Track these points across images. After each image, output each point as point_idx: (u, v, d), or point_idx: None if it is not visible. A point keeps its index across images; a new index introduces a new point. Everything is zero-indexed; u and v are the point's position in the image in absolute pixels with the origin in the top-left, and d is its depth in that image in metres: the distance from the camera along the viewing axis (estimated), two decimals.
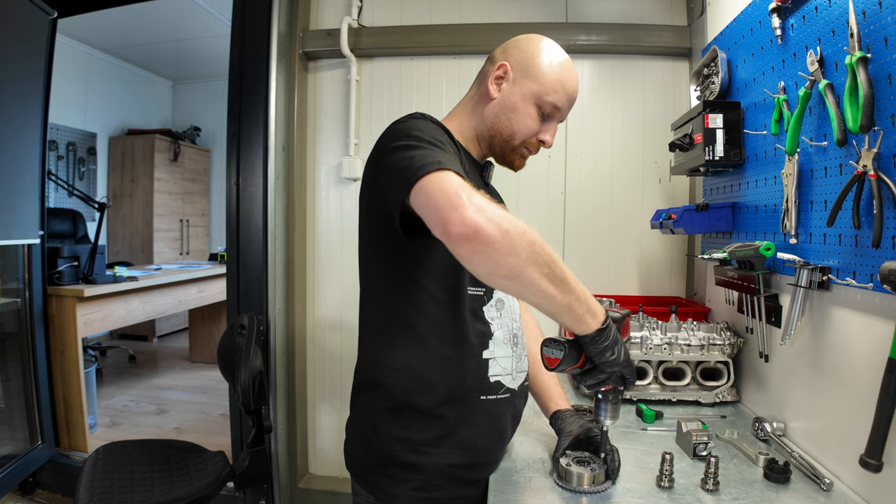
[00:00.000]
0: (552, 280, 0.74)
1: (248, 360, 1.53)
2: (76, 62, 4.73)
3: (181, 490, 1.45)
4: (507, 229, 0.68)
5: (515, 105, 0.98)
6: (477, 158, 1.04)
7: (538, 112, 0.98)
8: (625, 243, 2.08)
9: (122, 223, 5.19)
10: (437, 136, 0.82)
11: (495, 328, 0.96)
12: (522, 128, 0.98)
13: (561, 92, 0.98)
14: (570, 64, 1.02)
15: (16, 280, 2.29)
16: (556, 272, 0.75)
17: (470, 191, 0.69)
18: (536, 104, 0.98)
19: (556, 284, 0.75)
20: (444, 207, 0.68)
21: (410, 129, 0.83)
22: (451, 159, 0.77)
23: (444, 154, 0.77)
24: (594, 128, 2.09)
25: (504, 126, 0.99)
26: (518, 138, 0.99)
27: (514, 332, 1.00)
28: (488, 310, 0.96)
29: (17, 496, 2.29)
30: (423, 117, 0.89)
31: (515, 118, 0.98)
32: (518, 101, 0.98)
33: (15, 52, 2.11)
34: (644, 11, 2.05)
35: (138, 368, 4.30)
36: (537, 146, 1.02)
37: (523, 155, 1.02)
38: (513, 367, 0.98)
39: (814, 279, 1.05)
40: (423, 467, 0.89)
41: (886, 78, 0.87)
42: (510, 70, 0.99)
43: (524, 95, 0.98)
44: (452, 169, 0.72)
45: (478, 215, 0.67)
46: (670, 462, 0.95)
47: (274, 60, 2.00)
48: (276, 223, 2.05)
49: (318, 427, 2.29)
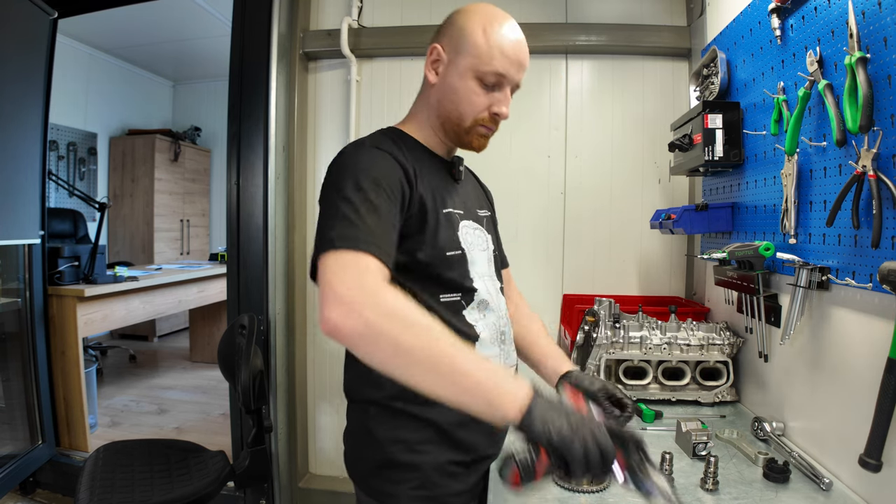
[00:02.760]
0: (436, 369, 0.65)
1: (249, 360, 1.53)
2: (77, 62, 4.74)
3: (181, 490, 1.45)
4: (368, 320, 0.64)
5: (455, 85, 0.91)
6: (443, 154, 1.00)
7: (480, 85, 0.90)
8: (624, 243, 2.09)
9: (123, 223, 5.19)
10: (369, 183, 0.79)
11: (480, 330, 0.92)
12: (468, 107, 0.91)
13: (500, 57, 0.89)
14: (510, 25, 0.92)
15: (16, 280, 2.29)
16: (443, 358, 0.64)
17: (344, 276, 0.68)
18: (476, 77, 0.90)
19: (440, 373, 0.65)
20: (320, 300, 0.68)
21: (343, 178, 0.81)
22: (361, 225, 0.74)
23: (353, 220, 0.75)
24: (594, 128, 2.09)
25: (450, 110, 0.93)
26: (467, 119, 0.92)
27: (502, 329, 0.97)
28: (470, 313, 0.92)
29: (18, 496, 2.29)
30: (370, 147, 0.87)
31: (458, 99, 0.92)
32: (456, 80, 0.91)
33: (15, 52, 2.11)
34: (644, 12, 2.05)
35: (139, 368, 4.30)
36: (493, 121, 0.93)
37: (480, 134, 0.94)
38: (500, 364, 0.95)
39: (813, 279, 1.05)
40: (420, 466, 0.89)
41: (886, 78, 0.87)
42: (442, 51, 0.93)
43: (461, 73, 0.90)
44: (344, 247, 0.71)
45: (335, 311, 0.65)
46: (670, 462, 0.95)
47: (274, 61, 2.00)
48: (277, 223, 2.05)
49: (318, 427, 2.29)
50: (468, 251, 0.93)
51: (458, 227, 0.93)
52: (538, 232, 2.10)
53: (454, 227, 0.93)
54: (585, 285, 2.09)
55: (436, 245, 0.88)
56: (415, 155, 0.92)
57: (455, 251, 0.91)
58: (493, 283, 0.98)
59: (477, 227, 0.99)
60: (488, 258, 0.99)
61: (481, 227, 1.01)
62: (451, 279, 0.90)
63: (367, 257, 0.72)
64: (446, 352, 0.65)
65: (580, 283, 2.10)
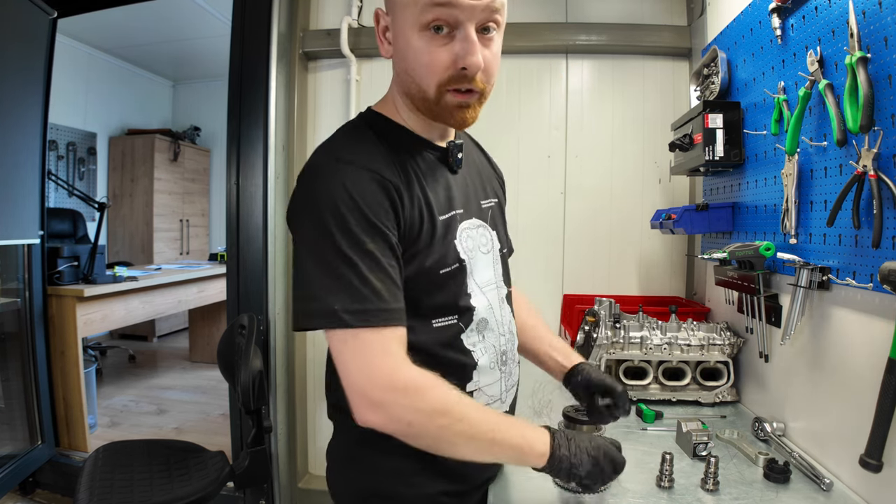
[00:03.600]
0: (476, 444, 0.72)
1: (248, 360, 1.53)
2: (76, 62, 4.73)
3: (181, 490, 1.45)
4: (410, 421, 0.68)
5: (404, 50, 0.73)
6: (436, 139, 0.84)
7: (430, 36, 0.70)
8: (625, 243, 2.08)
9: (122, 223, 5.19)
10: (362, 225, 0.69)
11: (479, 355, 0.83)
12: (423, 70, 0.72)
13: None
14: None
15: (16, 280, 2.29)
16: (481, 435, 0.72)
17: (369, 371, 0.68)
18: (420, 28, 0.70)
19: (480, 447, 0.73)
20: (349, 395, 0.69)
21: (328, 219, 0.69)
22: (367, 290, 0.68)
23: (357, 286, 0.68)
24: (594, 128, 2.09)
25: (409, 83, 0.75)
26: (430, 86, 0.72)
27: (502, 348, 0.87)
28: (468, 336, 0.82)
29: (18, 496, 2.29)
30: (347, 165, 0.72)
31: (410, 66, 0.73)
32: (402, 43, 0.73)
33: (15, 52, 2.11)
34: (644, 11, 2.05)
35: (138, 368, 4.30)
36: (465, 78, 0.71)
37: (454, 104, 0.74)
38: (501, 389, 0.88)
39: (814, 279, 1.05)
40: (406, 497, 0.82)
41: (886, 78, 0.87)
42: (384, 14, 0.77)
43: (404, 31, 0.72)
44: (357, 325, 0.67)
45: (373, 416, 0.68)
46: (670, 462, 0.95)
47: (274, 60, 2.00)
48: (276, 223, 2.05)
49: (318, 427, 2.29)
50: (468, 260, 0.82)
51: (457, 233, 0.81)
52: (538, 232, 2.10)
53: (451, 235, 0.81)
54: (585, 285, 2.09)
55: (424, 265, 0.77)
56: (400, 151, 0.78)
57: (450, 266, 0.79)
58: (496, 292, 0.88)
59: (480, 224, 0.87)
60: (493, 259, 0.89)
61: (484, 223, 0.88)
62: (443, 301, 0.80)
63: (384, 332, 0.69)
64: (484, 429, 0.72)
65: (580, 283, 2.10)
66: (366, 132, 0.79)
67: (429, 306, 0.79)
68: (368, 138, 0.78)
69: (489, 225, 0.90)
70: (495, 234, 0.91)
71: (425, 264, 0.77)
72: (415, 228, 0.76)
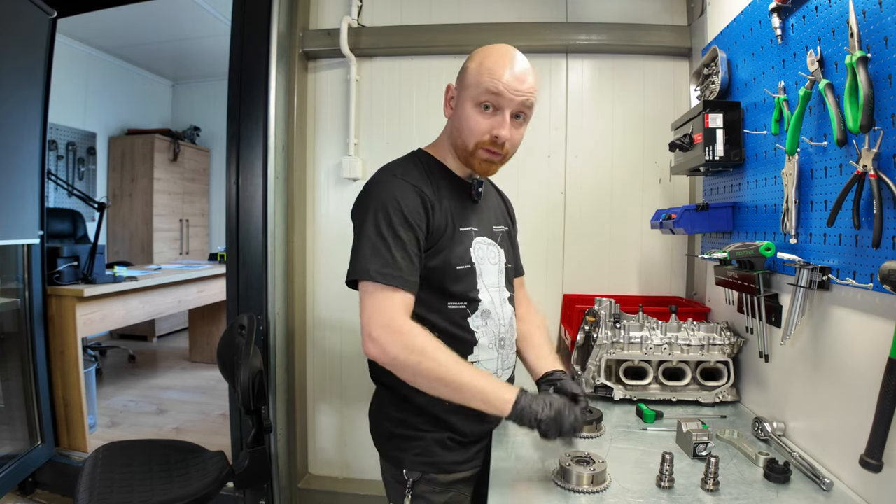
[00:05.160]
0: (444, 384, 0.92)
1: (248, 360, 1.53)
2: (76, 62, 4.73)
3: (181, 490, 1.45)
4: (396, 356, 0.91)
5: (460, 115, 1.04)
6: (464, 177, 1.12)
7: (479, 111, 1.01)
8: (625, 243, 2.08)
9: (122, 223, 5.18)
10: (399, 218, 0.98)
11: (480, 336, 1.08)
12: (467, 131, 1.03)
13: (488, 77, 0.99)
14: (501, 50, 1.03)
15: (15, 280, 2.29)
16: (447, 378, 0.91)
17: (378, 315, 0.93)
18: (475, 104, 1.01)
19: (450, 386, 0.92)
20: (363, 327, 0.95)
21: (377, 210, 0.99)
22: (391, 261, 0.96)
23: (386, 257, 0.96)
24: (594, 128, 2.09)
25: (457, 138, 1.06)
26: (470, 143, 1.03)
27: (502, 336, 1.11)
28: (473, 320, 1.07)
29: (17, 496, 2.29)
30: (400, 179, 1.02)
31: (461, 126, 1.04)
32: (460, 110, 1.04)
33: (15, 51, 2.11)
34: (644, 11, 2.05)
35: (138, 368, 4.30)
36: (493, 143, 1.02)
37: (482, 158, 1.04)
38: (497, 366, 1.11)
39: (814, 279, 1.05)
40: (422, 438, 1.07)
41: (886, 78, 0.87)
42: (453, 89, 1.08)
43: (463, 103, 1.03)
44: (379, 281, 0.94)
45: (371, 347, 0.93)
46: (670, 462, 0.95)
47: (274, 60, 1.99)
48: (276, 223, 2.05)
49: (318, 427, 2.28)
50: (478, 264, 1.08)
51: (472, 244, 1.08)
52: (538, 232, 2.10)
53: (467, 244, 1.07)
54: (585, 285, 2.09)
55: (448, 260, 1.04)
56: (438, 179, 1.08)
57: (465, 265, 1.06)
58: (499, 294, 1.13)
59: (490, 242, 1.13)
60: (499, 270, 1.14)
61: (495, 242, 1.15)
62: (458, 290, 1.05)
63: (396, 292, 0.95)
64: (452, 370, 0.92)
65: (580, 283, 2.10)
66: (416, 162, 1.10)
67: (448, 293, 1.05)
68: (416, 166, 1.09)
69: (498, 244, 1.16)
70: (503, 252, 1.17)
71: (447, 259, 1.04)
72: (441, 231, 1.04)
